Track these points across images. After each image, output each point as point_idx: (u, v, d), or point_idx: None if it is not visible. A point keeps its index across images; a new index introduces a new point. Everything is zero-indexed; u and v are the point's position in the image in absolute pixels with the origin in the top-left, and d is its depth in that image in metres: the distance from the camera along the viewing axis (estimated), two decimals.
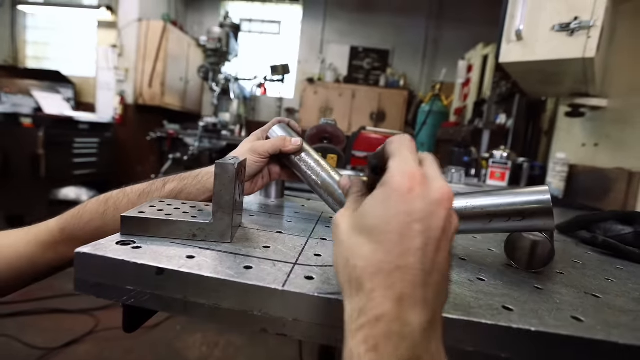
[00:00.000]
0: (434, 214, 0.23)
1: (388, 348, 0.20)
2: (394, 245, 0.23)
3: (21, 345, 1.60)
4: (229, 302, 0.31)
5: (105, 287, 0.34)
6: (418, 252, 0.22)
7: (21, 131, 2.94)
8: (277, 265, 0.35)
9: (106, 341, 1.73)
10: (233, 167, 0.39)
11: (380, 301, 0.21)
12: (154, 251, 0.36)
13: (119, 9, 4.15)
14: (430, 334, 0.21)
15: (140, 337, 1.79)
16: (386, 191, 0.25)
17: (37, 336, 1.68)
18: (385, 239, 0.23)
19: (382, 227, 0.24)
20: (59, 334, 1.71)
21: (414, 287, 0.22)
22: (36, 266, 0.50)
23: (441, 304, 0.24)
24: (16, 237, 0.50)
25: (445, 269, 0.24)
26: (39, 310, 1.87)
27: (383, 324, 0.20)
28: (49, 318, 1.85)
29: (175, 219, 0.40)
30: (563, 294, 0.36)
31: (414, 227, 0.23)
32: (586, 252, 0.57)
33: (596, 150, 1.36)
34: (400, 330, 0.20)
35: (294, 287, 0.31)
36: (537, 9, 0.99)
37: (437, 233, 0.23)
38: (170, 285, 0.32)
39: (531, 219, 0.38)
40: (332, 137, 1.09)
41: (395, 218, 0.23)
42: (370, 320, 0.21)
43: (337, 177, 0.55)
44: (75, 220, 0.51)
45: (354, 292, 0.24)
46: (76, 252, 0.34)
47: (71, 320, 1.85)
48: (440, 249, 0.23)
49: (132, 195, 0.53)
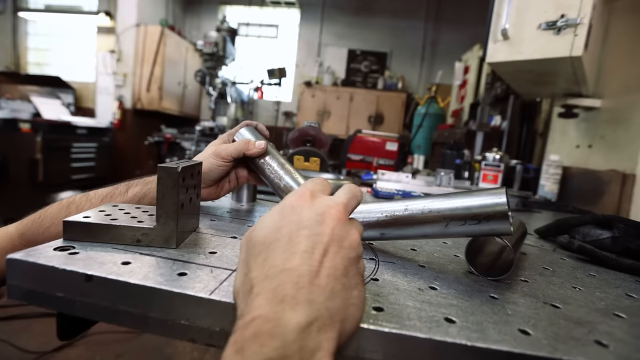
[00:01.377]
0: (321, 222, 0.25)
1: (253, 347, 0.19)
2: (282, 250, 0.24)
3: (14, 349, 1.60)
4: (157, 311, 0.30)
5: (36, 294, 0.33)
6: (304, 255, 0.23)
7: (19, 136, 2.96)
8: (215, 271, 0.34)
9: (98, 345, 1.73)
10: (176, 171, 0.38)
11: (260, 303, 0.21)
12: (90, 257, 0.34)
13: (117, 15, 4.19)
14: (310, 334, 0.20)
15: (131, 341, 1.78)
16: (280, 206, 0.28)
17: (30, 340, 1.67)
18: (276, 245, 0.24)
19: (273, 235, 0.25)
20: (51, 338, 1.70)
21: (297, 288, 0.21)
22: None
23: (339, 307, 0.22)
24: None
25: (340, 274, 0.24)
26: (32, 314, 1.87)
27: (254, 325, 0.20)
28: (42, 322, 1.84)
29: (118, 224, 0.39)
30: (519, 304, 0.34)
31: (301, 233, 0.24)
32: (562, 257, 0.54)
33: (590, 152, 1.33)
34: (270, 330, 0.19)
35: (221, 296, 0.29)
36: (523, 7, 0.97)
37: (325, 238, 0.24)
38: (99, 293, 0.31)
39: (487, 222, 0.36)
40: (315, 140, 1.07)
41: (285, 226, 0.25)
42: (245, 323, 0.20)
43: (301, 180, 0.53)
44: (36, 225, 0.49)
45: (244, 302, 0.23)
46: (7, 258, 0.33)
47: None
48: (328, 253, 0.24)
49: (95, 200, 0.52)
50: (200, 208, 0.49)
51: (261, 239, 0.25)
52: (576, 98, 1.28)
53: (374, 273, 0.38)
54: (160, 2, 4.61)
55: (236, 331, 0.20)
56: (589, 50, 0.98)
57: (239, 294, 0.24)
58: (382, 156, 2.59)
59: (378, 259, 0.43)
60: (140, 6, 4.17)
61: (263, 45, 5.47)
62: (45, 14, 4.89)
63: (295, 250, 0.23)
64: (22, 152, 2.92)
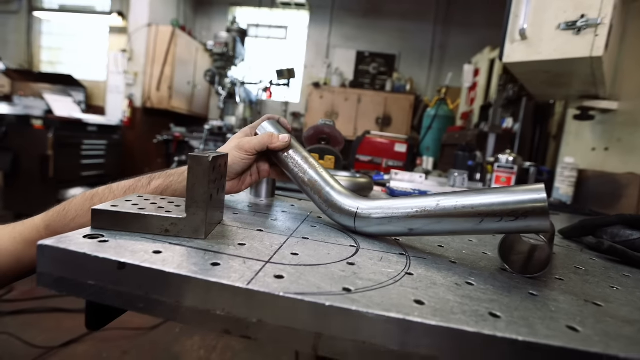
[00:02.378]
0: None
1: None
2: None
3: (21, 344, 1.60)
4: (191, 300, 0.29)
5: (67, 282, 0.32)
6: None
7: (32, 132, 3.00)
8: (248, 262, 0.33)
9: (105, 342, 1.73)
10: (207, 160, 0.37)
11: None
12: (120, 245, 0.34)
13: (129, 15, 4.24)
14: None
15: (138, 338, 1.78)
16: None
17: (38, 335, 1.68)
18: None
19: None
20: (58, 333, 1.71)
21: None
22: (21, 263, 0.49)
23: None
24: (2, 234, 0.49)
25: None
26: (40, 309, 1.88)
27: None
28: (50, 317, 1.85)
29: (147, 214, 0.38)
30: (560, 301, 0.33)
31: None
32: (591, 258, 0.53)
33: (607, 155, 1.31)
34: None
35: (259, 286, 0.28)
36: (542, 7, 0.96)
37: None
38: (132, 281, 0.30)
39: (525, 219, 0.35)
40: (330, 138, 1.06)
41: None
42: None
43: (325, 174, 0.52)
44: (60, 217, 0.49)
45: None
46: (38, 244, 0.33)
47: (71, 319, 1.85)
48: None
49: (118, 192, 0.52)
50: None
51: None
52: (592, 100, 1.26)
53: (407, 267, 0.37)
54: (171, 3, 4.66)
55: None
56: (608, 51, 0.96)
57: None
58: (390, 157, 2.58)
59: (408, 254, 0.42)
60: (153, 7, 4.21)
61: (272, 47, 5.50)
62: (59, 13, 4.97)
63: None
64: (34, 148, 2.96)
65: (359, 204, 0.47)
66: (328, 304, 0.26)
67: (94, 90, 4.94)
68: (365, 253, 0.40)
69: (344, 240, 0.45)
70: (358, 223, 0.46)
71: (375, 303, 0.27)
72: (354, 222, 0.47)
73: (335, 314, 0.26)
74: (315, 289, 0.29)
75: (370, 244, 0.44)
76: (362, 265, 0.36)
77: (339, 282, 0.31)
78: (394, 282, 0.32)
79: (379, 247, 0.43)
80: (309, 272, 0.32)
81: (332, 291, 0.29)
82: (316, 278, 0.31)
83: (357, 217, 0.46)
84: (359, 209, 0.46)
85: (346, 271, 0.34)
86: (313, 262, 0.35)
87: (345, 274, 0.33)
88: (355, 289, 0.29)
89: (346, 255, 0.39)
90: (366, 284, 0.31)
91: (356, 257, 0.38)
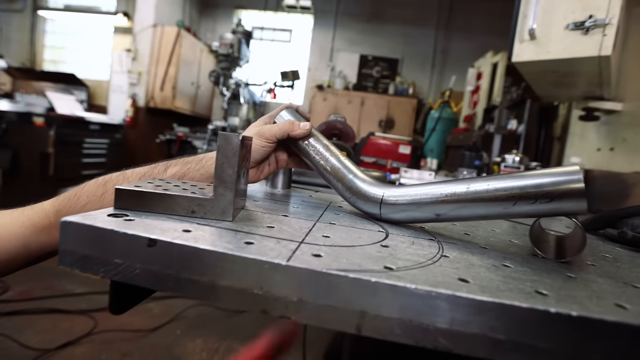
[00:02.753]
0: None
1: None
2: None
3: (16, 345, 1.55)
4: (227, 279, 0.28)
5: (91, 261, 0.31)
6: None
7: (33, 130, 2.98)
8: (282, 242, 0.32)
9: (104, 343, 1.69)
10: (237, 139, 0.37)
11: None
12: (147, 224, 0.33)
13: (135, 15, 4.25)
14: None
15: (139, 340, 1.75)
16: None
17: (34, 336, 1.63)
18: None
19: None
20: (55, 335, 1.67)
21: None
22: (29, 249, 0.47)
23: None
24: (10, 218, 0.48)
25: None
26: (36, 310, 1.83)
27: None
28: (46, 318, 1.80)
29: (173, 194, 0.38)
30: (600, 282, 0.32)
31: None
32: (614, 248, 0.52)
33: (612, 155, 1.31)
34: None
35: (299, 263, 0.27)
36: (550, 8, 0.97)
37: None
38: (163, 259, 0.29)
39: (560, 201, 0.34)
40: (341, 134, 1.06)
41: None
42: None
43: (347, 162, 0.52)
44: (72, 202, 0.48)
45: None
46: (62, 220, 0.31)
47: (69, 320, 1.81)
48: None
49: (133, 178, 0.51)
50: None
51: None
52: (597, 101, 1.26)
53: (441, 250, 0.36)
54: (177, 4, 4.68)
55: None
56: (615, 52, 0.97)
57: None
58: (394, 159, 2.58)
59: (438, 240, 0.41)
60: (159, 8, 4.23)
61: (276, 49, 5.52)
62: (64, 13, 4.97)
63: None
64: (34, 145, 2.94)
65: (385, 191, 0.46)
66: (374, 279, 0.26)
67: (97, 89, 4.94)
68: (395, 237, 0.39)
69: (371, 226, 0.44)
70: (384, 210, 0.46)
71: (420, 280, 0.26)
72: (379, 209, 0.46)
73: (381, 290, 0.25)
74: (357, 266, 0.28)
75: (398, 230, 0.43)
76: (396, 248, 0.35)
77: (378, 261, 0.30)
78: (432, 262, 0.31)
79: (408, 233, 0.42)
80: (345, 252, 0.32)
81: (374, 269, 0.28)
82: (355, 257, 0.30)
83: (383, 203, 0.45)
84: (384, 195, 0.45)
85: (382, 252, 0.33)
86: (347, 244, 0.34)
87: (382, 255, 0.32)
88: (396, 267, 0.29)
89: (378, 239, 0.38)
90: (405, 263, 0.30)
91: (388, 241, 0.37)
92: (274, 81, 3.94)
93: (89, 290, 2.06)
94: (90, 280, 2.21)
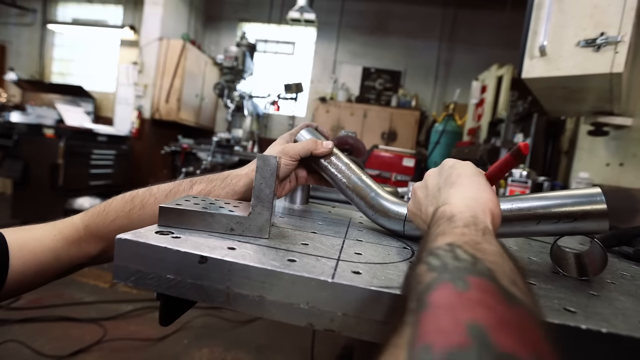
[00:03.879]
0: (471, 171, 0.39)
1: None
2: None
3: (30, 352, 1.58)
4: (275, 294, 0.30)
5: (145, 276, 0.33)
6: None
7: (43, 141, 3.03)
8: (320, 260, 0.34)
9: (113, 352, 1.70)
10: (275, 160, 0.39)
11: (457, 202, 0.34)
12: (194, 241, 0.35)
13: (141, 29, 4.35)
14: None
15: (147, 349, 1.75)
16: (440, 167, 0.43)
17: (46, 343, 1.66)
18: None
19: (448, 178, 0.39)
20: (67, 342, 1.69)
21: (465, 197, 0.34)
22: (60, 261, 0.49)
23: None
24: (42, 231, 0.50)
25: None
26: (48, 318, 1.86)
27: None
28: (58, 326, 1.83)
29: (214, 212, 0.40)
30: (622, 300, 0.34)
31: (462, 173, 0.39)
32: (630, 266, 0.54)
33: (622, 170, 1.33)
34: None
35: (343, 280, 0.29)
36: (561, 25, 1.00)
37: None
38: (213, 275, 0.32)
39: (583, 221, 0.37)
40: (353, 149, 1.09)
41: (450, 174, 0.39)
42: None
43: (368, 180, 0.54)
44: (100, 218, 0.50)
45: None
46: (117, 238, 0.34)
47: (79, 328, 1.83)
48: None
49: (159, 195, 0.53)
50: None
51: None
52: (607, 116, 1.29)
53: None
54: (182, 18, 4.79)
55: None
56: (626, 68, 1.00)
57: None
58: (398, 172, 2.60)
59: None
60: (164, 21, 4.33)
61: (280, 61, 5.61)
62: (72, 26, 5.09)
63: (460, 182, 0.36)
64: (45, 156, 2.99)
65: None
66: None
67: (103, 101, 5.02)
68: None
69: (395, 243, 0.46)
70: (407, 227, 0.48)
71: None
72: (403, 226, 0.48)
73: None
74: (395, 283, 0.30)
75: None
76: None
77: None
78: None
79: None
80: (380, 269, 0.34)
81: None
82: (390, 274, 0.32)
83: (407, 220, 0.47)
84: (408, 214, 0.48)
85: None
86: (380, 261, 0.36)
87: None
88: None
89: (405, 256, 0.40)
90: None
91: (415, 258, 0.39)
92: (278, 93, 4.00)
93: (97, 299, 2.07)
94: (98, 289, 2.23)
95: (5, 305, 1.88)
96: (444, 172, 0.39)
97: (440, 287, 0.18)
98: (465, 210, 0.30)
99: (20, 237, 0.47)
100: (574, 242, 0.59)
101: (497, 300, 0.17)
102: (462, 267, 0.20)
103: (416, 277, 0.21)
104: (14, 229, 0.47)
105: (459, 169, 0.38)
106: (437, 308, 0.17)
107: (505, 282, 0.20)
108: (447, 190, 0.35)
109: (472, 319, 0.15)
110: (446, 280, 0.19)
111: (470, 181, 0.35)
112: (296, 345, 1.92)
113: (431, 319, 0.16)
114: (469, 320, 0.15)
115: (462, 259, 0.21)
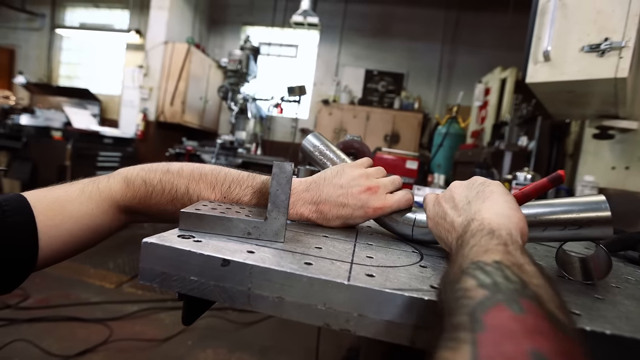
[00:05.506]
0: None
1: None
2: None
3: (38, 351, 1.61)
4: (294, 296, 0.32)
5: (170, 278, 0.35)
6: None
7: (51, 143, 3.08)
8: (336, 263, 0.36)
9: (119, 352, 1.72)
10: (290, 167, 0.41)
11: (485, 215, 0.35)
12: (215, 245, 0.37)
13: (147, 33, 4.40)
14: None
15: (152, 349, 1.77)
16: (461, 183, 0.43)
17: (54, 343, 1.68)
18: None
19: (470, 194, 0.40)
20: (74, 342, 1.71)
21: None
22: (96, 233, 0.52)
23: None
24: (78, 207, 0.50)
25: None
26: (55, 317, 1.89)
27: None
28: (64, 325, 1.85)
29: (232, 217, 0.42)
30: (627, 304, 0.35)
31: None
32: (635, 270, 0.55)
33: (628, 174, 1.33)
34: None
35: (358, 282, 0.31)
36: (565, 30, 1.01)
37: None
38: (235, 277, 0.33)
39: (588, 227, 0.38)
40: (358, 153, 1.10)
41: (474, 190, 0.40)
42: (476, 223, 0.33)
43: None
44: (145, 198, 0.53)
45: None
46: (143, 241, 0.35)
47: (86, 328, 1.85)
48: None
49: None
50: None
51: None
52: (612, 119, 1.29)
53: None
54: (187, 22, 4.84)
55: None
56: (631, 73, 1.01)
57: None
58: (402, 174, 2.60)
59: None
60: (170, 25, 4.38)
61: (283, 64, 5.65)
62: (79, 31, 5.16)
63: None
64: (52, 158, 3.03)
65: (416, 215, 0.50)
66: (427, 298, 0.29)
67: (109, 104, 5.07)
68: (430, 258, 0.43)
69: (405, 247, 0.47)
70: (416, 231, 0.49)
71: None
72: (411, 231, 0.50)
73: (432, 308, 0.29)
74: (407, 286, 0.32)
75: (429, 250, 0.47)
76: (435, 269, 0.39)
77: (423, 281, 0.34)
78: None
79: (439, 254, 0.46)
80: (393, 272, 0.35)
81: (423, 288, 0.31)
82: (402, 277, 0.34)
83: (415, 225, 0.49)
84: (416, 219, 0.49)
85: (424, 272, 0.37)
86: (391, 264, 0.38)
87: (425, 275, 0.36)
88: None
89: (415, 260, 0.41)
90: None
91: (425, 262, 0.41)
92: (281, 96, 4.03)
93: (103, 299, 2.09)
94: (104, 289, 2.26)
95: (14, 305, 1.91)
96: (475, 187, 0.40)
97: (496, 309, 0.19)
98: (502, 228, 0.30)
99: (55, 215, 0.46)
100: (579, 247, 0.60)
101: (550, 327, 0.18)
102: (514, 289, 0.21)
103: (462, 290, 0.22)
104: (47, 204, 0.47)
105: (491, 186, 0.39)
106: (496, 331, 0.17)
107: (552, 306, 0.20)
108: (480, 204, 0.36)
109: (533, 348, 0.16)
110: (501, 302, 0.19)
111: (503, 199, 0.36)
112: (301, 347, 1.93)
113: (492, 342, 0.17)
114: (531, 348, 0.16)
115: (512, 281, 0.22)
